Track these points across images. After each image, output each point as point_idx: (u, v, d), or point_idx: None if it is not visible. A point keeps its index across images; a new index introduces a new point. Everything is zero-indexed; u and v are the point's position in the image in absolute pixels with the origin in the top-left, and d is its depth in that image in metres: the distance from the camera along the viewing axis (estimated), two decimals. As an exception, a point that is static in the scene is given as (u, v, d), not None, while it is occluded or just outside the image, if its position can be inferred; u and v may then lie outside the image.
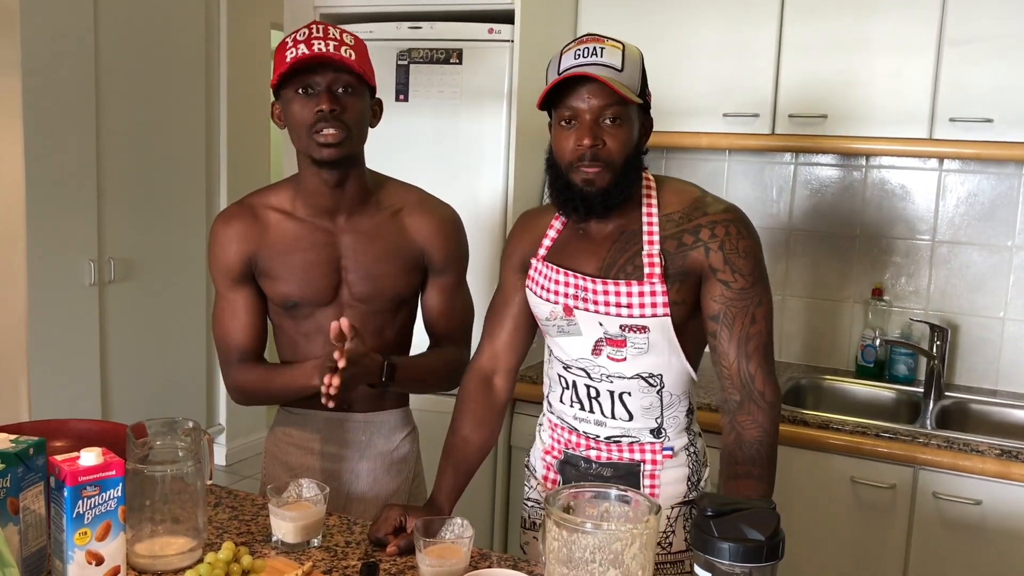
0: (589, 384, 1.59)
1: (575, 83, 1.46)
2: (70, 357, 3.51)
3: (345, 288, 1.72)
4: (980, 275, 2.69)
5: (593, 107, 1.46)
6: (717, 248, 1.50)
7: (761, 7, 2.59)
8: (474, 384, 1.71)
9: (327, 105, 1.57)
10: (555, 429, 1.67)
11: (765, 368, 1.51)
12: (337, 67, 1.58)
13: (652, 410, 1.57)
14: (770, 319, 1.53)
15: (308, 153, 1.64)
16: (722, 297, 1.50)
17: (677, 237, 1.53)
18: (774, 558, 1.07)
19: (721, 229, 1.51)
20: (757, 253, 1.53)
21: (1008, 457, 2.15)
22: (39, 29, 3.23)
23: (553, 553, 1.16)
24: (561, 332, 1.59)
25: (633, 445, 1.59)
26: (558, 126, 1.51)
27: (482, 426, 1.69)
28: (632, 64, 1.48)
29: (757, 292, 1.51)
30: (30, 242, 3.28)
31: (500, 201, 2.63)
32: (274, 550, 1.46)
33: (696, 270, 1.51)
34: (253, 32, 4.40)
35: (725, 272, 1.50)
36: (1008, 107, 2.36)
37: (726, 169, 2.97)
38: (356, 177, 1.70)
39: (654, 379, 1.55)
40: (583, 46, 1.48)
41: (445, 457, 1.68)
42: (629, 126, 1.49)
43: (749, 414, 1.50)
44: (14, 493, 1.24)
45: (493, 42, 2.58)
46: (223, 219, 1.73)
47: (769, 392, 1.50)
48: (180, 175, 4.03)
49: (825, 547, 2.36)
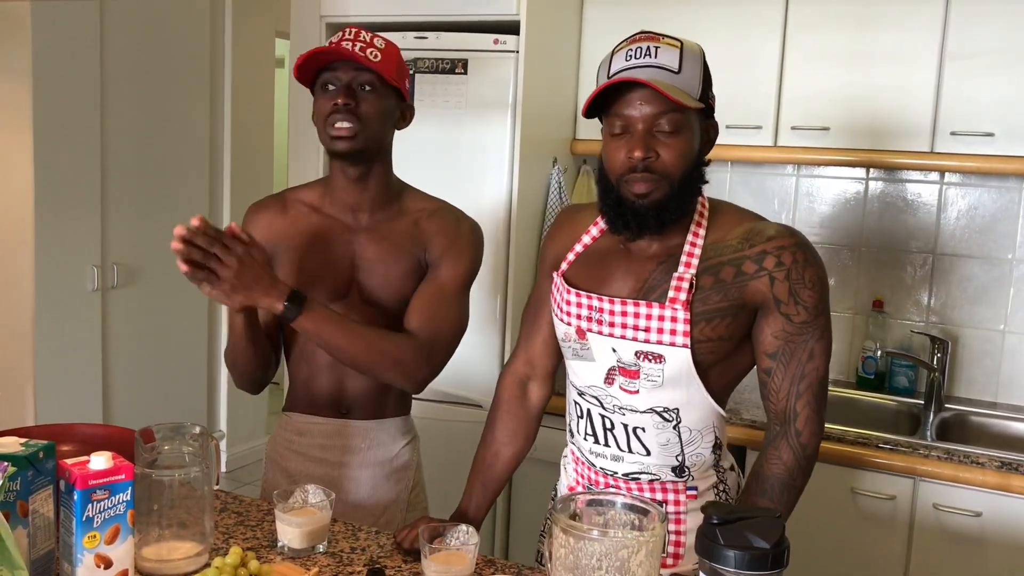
0: (603, 414, 1.48)
1: (626, 88, 1.33)
2: (73, 362, 3.52)
3: (356, 287, 1.73)
4: (981, 288, 2.70)
5: (646, 115, 1.33)
6: (784, 278, 1.37)
7: (764, 20, 2.61)
8: (509, 392, 1.66)
9: (342, 99, 1.62)
10: (578, 463, 1.57)
11: (812, 407, 1.41)
12: (358, 65, 1.64)
13: (670, 447, 1.45)
14: (828, 355, 1.42)
15: (325, 146, 1.70)
16: (783, 333, 1.39)
17: (736, 264, 1.39)
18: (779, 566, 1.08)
19: (788, 256, 1.38)
20: (823, 281, 1.41)
21: (1008, 469, 2.16)
22: (49, 38, 3.25)
23: (559, 560, 1.17)
24: (575, 355, 1.50)
25: (654, 484, 1.47)
26: (609, 135, 1.38)
27: (514, 439, 1.64)
28: (692, 64, 1.34)
29: (819, 325, 1.40)
30: (37, 248, 3.30)
31: (504, 210, 2.64)
32: (280, 555, 1.47)
33: (756, 302, 1.39)
34: (258, 40, 4.42)
35: (789, 304, 1.38)
36: (1009, 121, 2.37)
37: (728, 180, 2.98)
38: (379, 176, 1.73)
39: (669, 414, 1.43)
40: (635, 45, 1.35)
41: (476, 472, 1.64)
42: (688, 134, 1.35)
43: (777, 448, 1.43)
44: (24, 496, 1.25)
45: (498, 52, 2.59)
46: (255, 206, 1.81)
47: (806, 433, 1.41)
48: (184, 182, 4.04)
49: (825, 558, 2.36)
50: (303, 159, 2.86)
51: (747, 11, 2.62)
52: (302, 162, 2.86)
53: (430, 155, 2.66)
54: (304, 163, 2.85)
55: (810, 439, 1.42)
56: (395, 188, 1.78)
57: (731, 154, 2.71)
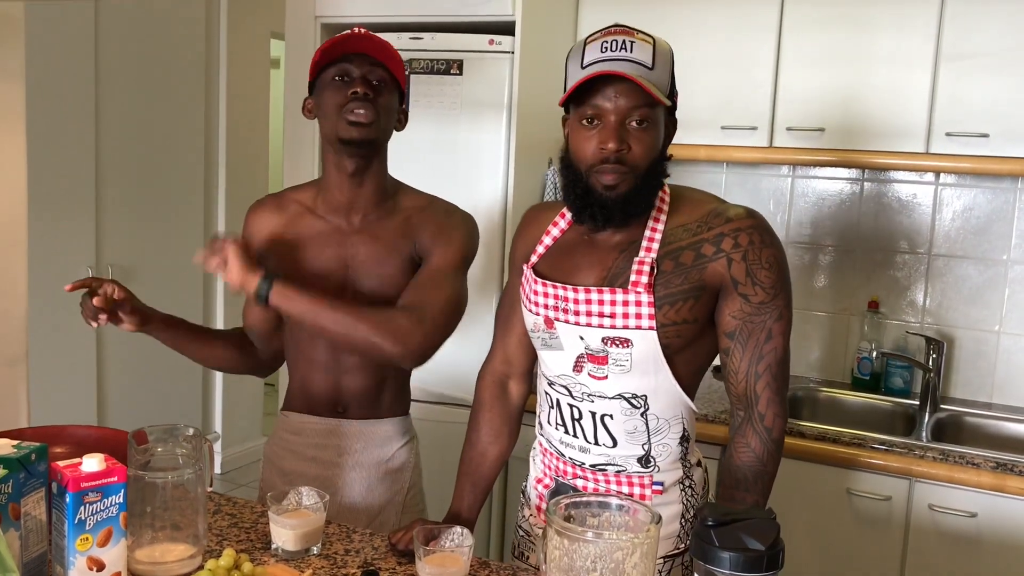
0: (572, 404, 1.49)
1: (601, 79, 1.35)
2: (67, 364, 3.51)
3: (351, 289, 1.72)
4: (976, 288, 2.71)
5: (620, 107, 1.35)
6: (740, 258, 1.39)
7: (760, 21, 2.61)
8: (490, 391, 1.67)
9: (361, 88, 1.62)
10: (546, 454, 1.59)
11: (773, 388, 1.41)
12: (373, 60, 1.65)
13: (637, 435, 1.47)
14: (787, 335, 1.42)
15: (336, 133, 1.65)
16: (740, 312, 1.40)
17: (695, 248, 1.41)
18: (774, 568, 1.07)
19: (745, 237, 1.40)
20: (781, 262, 1.42)
21: (1003, 470, 2.16)
22: (42, 38, 3.25)
23: (554, 562, 1.17)
24: (544, 345, 1.51)
25: (620, 476, 1.49)
26: (578, 124, 1.39)
27: (499, 437, 1.66)
28: (663, 61, 1.37)
29: (777, 305, 1.40)
30: (31, 249, 3.29)
31: (499, 211, 2.64)
32: (273, 557, 1.46)
33: (715, 283, 1.41)
34: (253, 41, 4.41)
35: (746, 285, 1.39)
36: (1004, 122, 2.38)
37: (724, 181, 2.98)
38: (375, 174, 1.73)
39: (637, 400, 1.45)
40: (611, 38, 1.37)
41: (464, 473, 1.65)
42: (656, 129, 1.38)
43: (743, 436, 1.43)
44: (15, 498, 1.24)
45: (493, 53, 2.59)
46: (255, 205, 1.83)
47: (769, 416, 1.41)
48: (179, 182, 4.03)
49: (820, 559, 2.36)
50: (298, 160, 2.86)
51: (742, 12, 2.62)
52: (297, 163, 2.86)
53: (425, 156, 2.66)
54: (299, 164, 2.85)
55: (774, 421, 1.42)
56: (390, 187, 1.78)
57: (727, 155, 2.71)
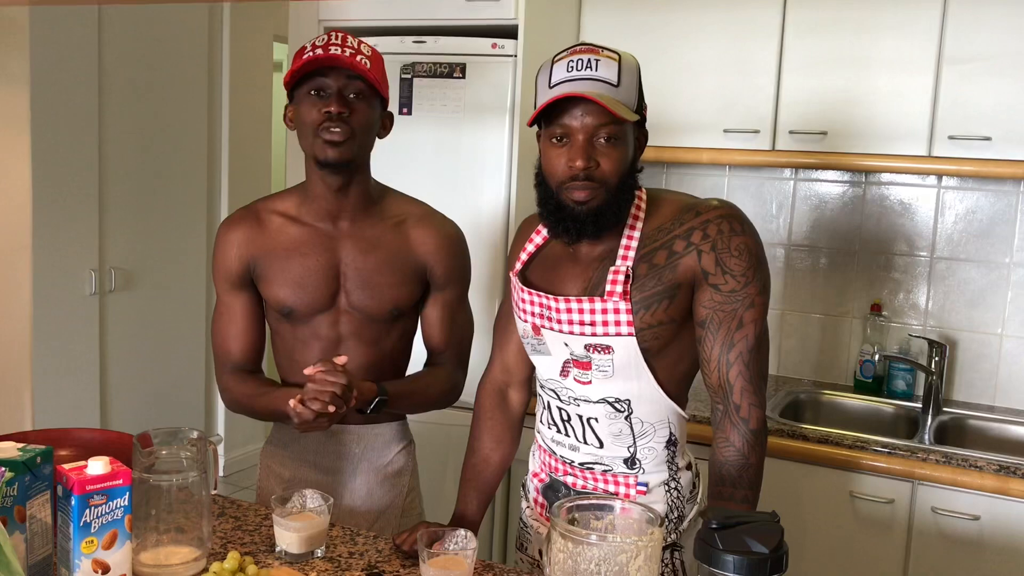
0: (560, 407, 1.54)
1: (568, 99, 1.37)
2: (71, 366, 3.51)
3: (343, 296, 1.72)
4: (978, 291, 2.71)
5: (587, 126, 1.37)
6: (709, 249, 1.40)
7: (762, 24, 2.61)
8: (490, 400, 1.70)
9: (336, 107, 1.60)
10: (541, 451, 1.64)
11: (745, 377, 1.40)
12: (350, 73, 1.62)
13: (623, 437, 1.49)
14: (760, 323, 1.42)
15: (313, 153, 1.67)
16: (711, 301, 1.41)
17: (668, 246, 1.43)
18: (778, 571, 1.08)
19: (713, 228, 1.41)
20: (752, 249, 1.42)
21: (1006, 473, 2.16)
22: (46, 42, 3.25)
23: (558, 565, 1.17)
24: (534, 350, 1.56)
25: (607, 475, 1.52)
26: (548, 142, 1.42)
27: (501, 444, 1.68)
28: (629, 77, 1.39)
29: (749, 293, 1.40)
30: (35, 252, 3.30)
31: (502, 215, 2.64)
32: (278, 560, 1.46)
33: (689, 279, 1.42)
34: (256, 45, 4.42)
35: (716, 275, 1.40)
36: (1007, 125, 2.38)
37: (726, 184, 2.99)
38: (360, 184, 1.72)
39: (621, 404, 1.47)
40: (576, 57, 1.39)
41: (466, 479, 1.67)
42: (624, 145, 1.41)
43: (723, 431, 1.42)
44: (21, 501, 1.25)
45: (497, 57, 2.60)
46: (227, 223, 1.77)
47: (745, 406, 1.40)
48: (182, 186, 4.04)
49: (824, 562, 2.36)
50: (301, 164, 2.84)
51: (745, 16, 2.63)
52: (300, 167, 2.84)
53: (428, 160, 2.66)
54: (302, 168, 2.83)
55: (750, 411, 1.41)
56: (375, 193, 1.77)
57: (729, 158, 2.71)
